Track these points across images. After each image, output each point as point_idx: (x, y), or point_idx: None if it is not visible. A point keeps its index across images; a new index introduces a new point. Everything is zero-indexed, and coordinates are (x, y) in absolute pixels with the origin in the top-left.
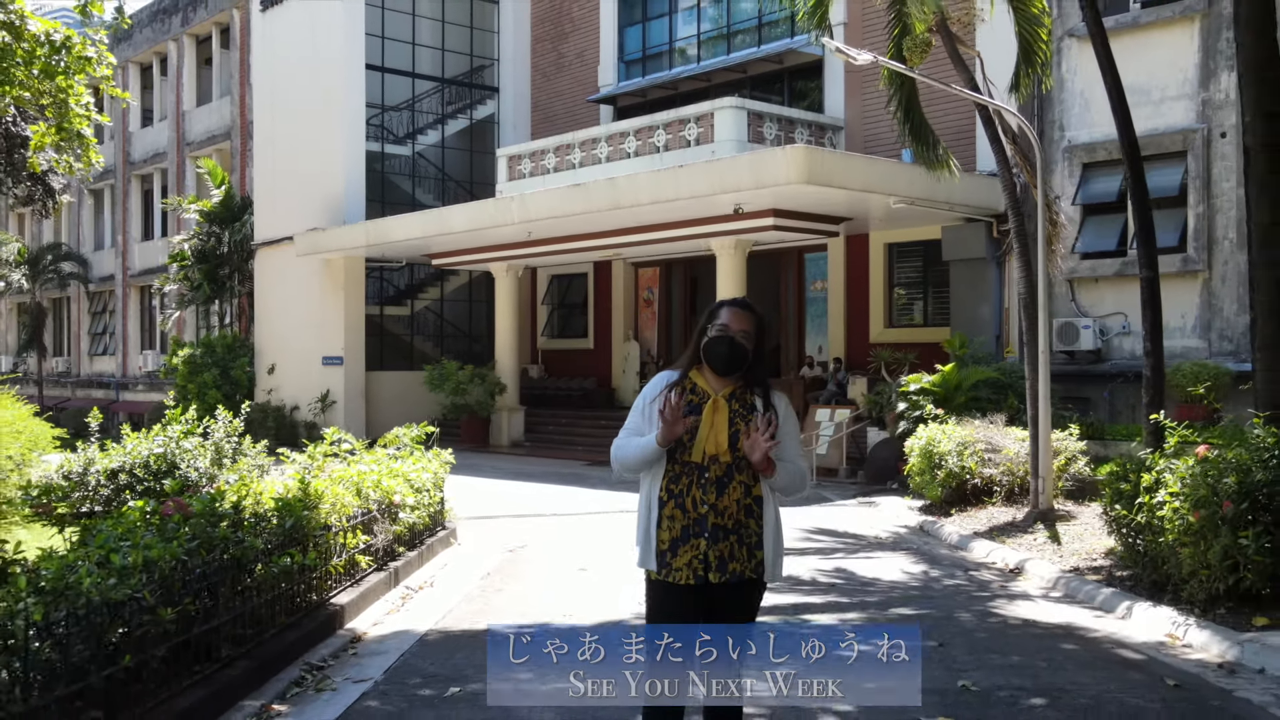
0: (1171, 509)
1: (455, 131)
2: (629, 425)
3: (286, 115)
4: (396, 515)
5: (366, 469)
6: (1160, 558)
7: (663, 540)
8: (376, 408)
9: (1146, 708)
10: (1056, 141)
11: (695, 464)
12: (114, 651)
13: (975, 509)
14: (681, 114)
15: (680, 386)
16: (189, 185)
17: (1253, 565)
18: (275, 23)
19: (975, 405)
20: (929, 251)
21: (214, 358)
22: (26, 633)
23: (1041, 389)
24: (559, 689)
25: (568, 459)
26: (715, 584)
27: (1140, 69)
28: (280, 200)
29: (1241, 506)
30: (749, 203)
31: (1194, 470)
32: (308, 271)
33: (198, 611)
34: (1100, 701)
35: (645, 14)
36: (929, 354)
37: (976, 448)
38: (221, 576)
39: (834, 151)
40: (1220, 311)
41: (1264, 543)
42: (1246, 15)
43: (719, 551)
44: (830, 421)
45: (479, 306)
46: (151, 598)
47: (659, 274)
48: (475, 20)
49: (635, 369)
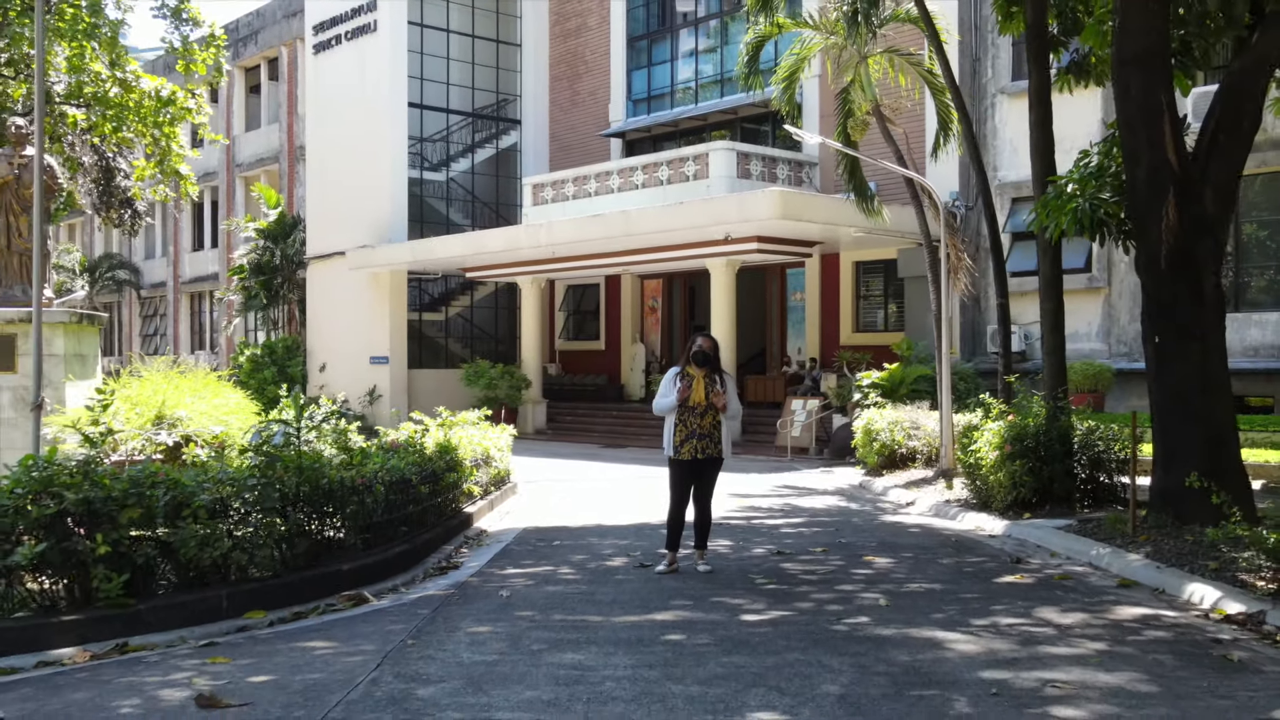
0: (984, 453)
1: (483, 159)
2: (661, 391)
3: (336, 145)
4: (491, 463)
5: (466, 433)
6: (982, 484)
7: (677, 440)
8: (416, 401)
9: (937, 548)
10: (991, 180)
11: (690, 407)
12: (390, 506)
13: (901, 471)
14: (682, 153)
15: (683, 373)
16: (238, 202)
17: (1024, 484)
18: (326, 63)
19: (915, 395)
20: (888, 269)
21: (273, 357)
22: (373, 486)
23: (944, 381)
24: (606, 544)
25: (585, 443)
26: (700, 459)
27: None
28: (331, 219)
29: (1018, 448)
30: (736, 231)
31: (998, 428)
32: (356, 282)
33: (416, 499)
34: (911, 547)
35: (651, 60)
36: (888, 354)
37: (904, 425)
38: (431, 481)
39: (804, 193)
40: (1118, 321)
41: (1028, 471)
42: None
43: (702, 445)
44: (803, 410)
45: (503, 313)
46: (415, 480)
47: (662, 285)
48: (501, 61)
49: (641, 367)
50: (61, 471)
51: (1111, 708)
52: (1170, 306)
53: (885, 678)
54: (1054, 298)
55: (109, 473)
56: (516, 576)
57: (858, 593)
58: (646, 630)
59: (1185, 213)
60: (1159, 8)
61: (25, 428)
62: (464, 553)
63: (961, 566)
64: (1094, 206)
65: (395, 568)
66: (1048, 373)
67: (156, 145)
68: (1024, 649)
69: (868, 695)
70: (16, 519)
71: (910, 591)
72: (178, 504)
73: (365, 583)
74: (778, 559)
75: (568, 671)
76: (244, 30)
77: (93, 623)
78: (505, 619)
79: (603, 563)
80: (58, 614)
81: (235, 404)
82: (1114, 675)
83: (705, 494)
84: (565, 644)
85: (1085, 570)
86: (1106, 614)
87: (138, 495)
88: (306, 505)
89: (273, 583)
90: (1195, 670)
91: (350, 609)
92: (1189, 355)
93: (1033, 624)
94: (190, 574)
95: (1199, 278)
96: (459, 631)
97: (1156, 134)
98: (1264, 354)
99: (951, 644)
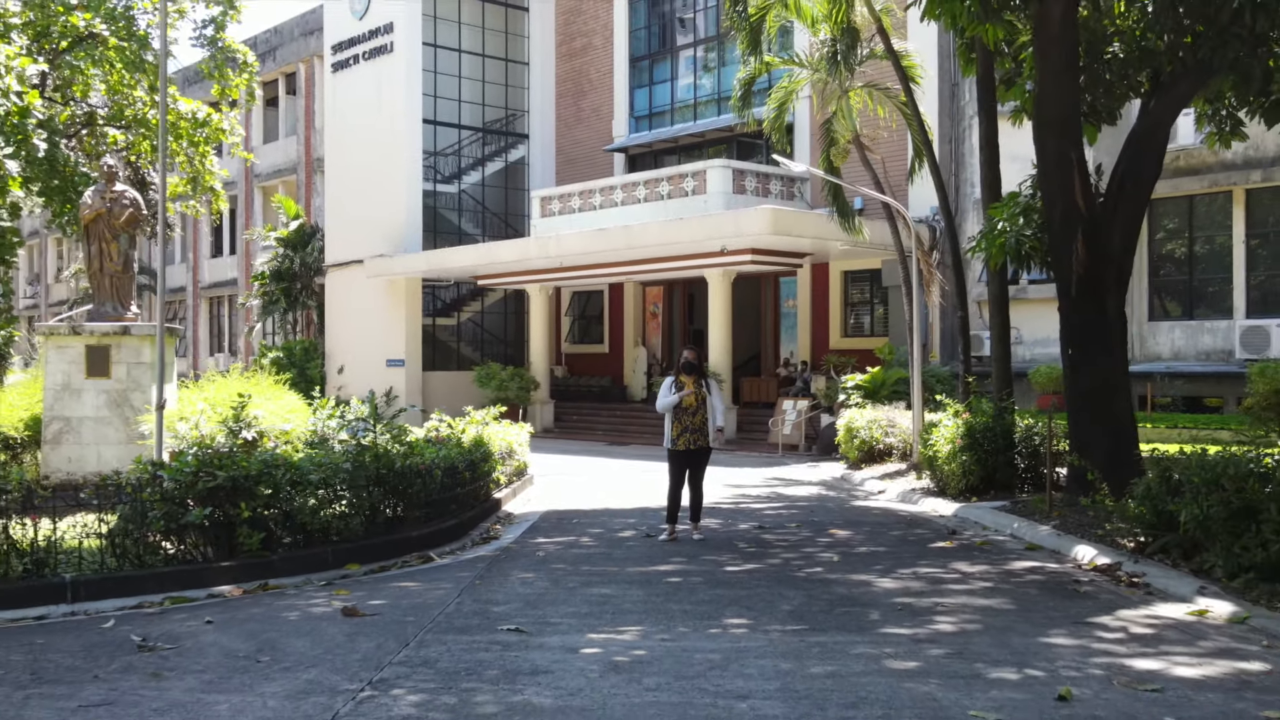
0: (940, 447)
1: (493, 172)
2: (661, 394)
3: (354, 159)
4: (513, 456)
5: (493, 430)
6: (939, 473)
7: (674, 435)
8: (430, 401)
9: (891, 525)
10: (968, 195)
11: (684, 408)
12: (443, 487)
13: (878, 465)
14: (681, 170)
15: (676, 381)
16: (256, 211)
17: (972, 473)
18: (344, 82)
19: (895, 396)
20: (874, 278)
21: (292, 359)
22: (433, 471)
23: (916, 384)
24: (616, 522)
25: (591, 440)
26: (693, 450)
27: (1024, 141)
28: (348, 229)
29: (968, 443)
30: (732, 244)
31: (952, 426)
32: (374, 289)
33: (462, 483)
34: (870, 524)
35: (652, 79)
36: (873, 358)
37: (881, 424)
38: (471, 469)
39: (794, 210)
40: None
41: (976, 462)
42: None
43: (694, 438)
44: (794, 409)
45: (512, 318)
46: (461, 468)
47: (662, 292)
48: (509, 79)
49: (643, 369)
50: (214, 456)
51: (976, 616)
52: (1080, 325)
53: (825, 601)
54: (1001, 313)
55: (244, 457)
56: (547, 544)
57: (817, 553)
58: (652, 575)
59: (1092, 248)
60: (1070, 82)
61: (118, 424)
62: (498, 529)
63: (906, 537)
64: (1019, 241)
65: (448, 537)
66: (995, 377)
67: (190, 163)
68: (931, 586)
69: (810, 610)
70: (187, 491)
71: (859, 553)
72: (294, 481)
73: (428, 547)
74: (759, 532)
75: (597, 597)
76: (262, 46)
77: (240, 568)
78: (545, 569)
79: (615, 534)
80: (212, 561)
81: (291, 405)
82: (988, 600)
83: (698, 478)
84: (593, 582)
85: (1005, 539)
86: (1004, 566)
87: (269, 474)
88: (383, 485)
89: (362, 544)
90: (1050, 598)
91: (420, 565)
92: (1096, 364)
93: (945, 572)
94: (301, 535)
95: (1104, 301)
96: (512, 576)
97: (1068, 184)
98: (1215, 358)
99: (879, 583)
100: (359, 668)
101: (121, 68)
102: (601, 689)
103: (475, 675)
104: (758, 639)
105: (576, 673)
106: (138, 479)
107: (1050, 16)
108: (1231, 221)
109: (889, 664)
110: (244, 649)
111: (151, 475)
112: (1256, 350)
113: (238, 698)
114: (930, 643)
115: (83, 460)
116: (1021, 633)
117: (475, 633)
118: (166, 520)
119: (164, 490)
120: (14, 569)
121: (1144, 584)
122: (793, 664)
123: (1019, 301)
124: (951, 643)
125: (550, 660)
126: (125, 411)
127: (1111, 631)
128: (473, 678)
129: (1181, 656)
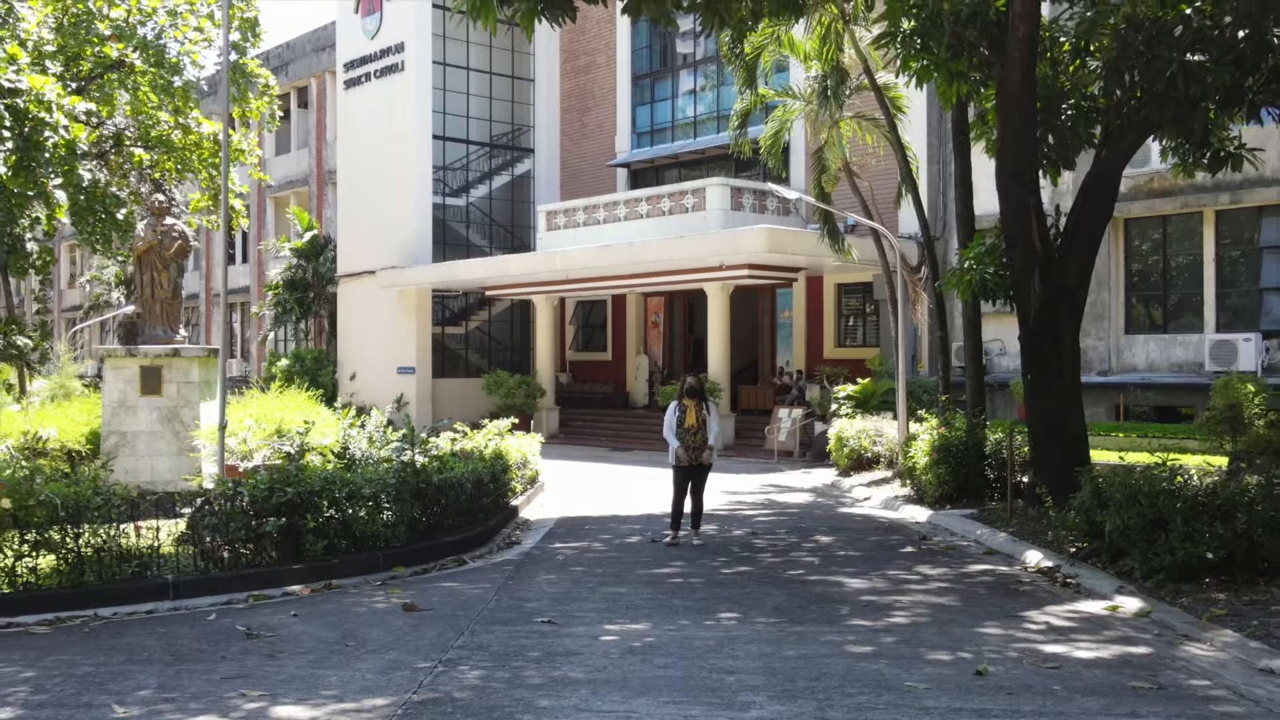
0: (918, 458)
1: (499, 185)
2: (667, 423)
3: (365, 172)
4: (527, 465)
5: (509, 442)
6: (918, 482)
7: (679, 453)
8: (440, 408)
9: (870, 531)
10: (955, 214)
11: (687, 428)
12: (471, 498)
13: (866, 472)
14: (681, 187)
15: (680, 404)
16: (268, 222)
17: (947, 483)
18: (356, 98)
19: (885, 406)
20: (867, 290)
21: (304, 367)
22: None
23: (901, 397)
24: (624, 528)
25: (595, 446)
26: (694, 466)
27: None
28: (360, 240)
29: (943, 454)
30: (729, 260)
31: (929, 438)
32: (385, 298)
33: (487, 494)
34: (851, 530)
35: (654, 97)
36: (865, 368)
37: (869, 433)
38: (494, 480)
39: (788, 228)
40: None
41: (950, 472)
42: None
43: (695, 455)
44: (789, 418)
45: (518, 326)
46: (487, 480)
47: (664, 303)
48: (515, 95)
49: (645, 377)
50: (284, 473)
51: (927, 611)
52: (1037, 353)
53: (803, 599)
54: (974, 336)
55: (310, 475)
56: (564, 549)
57: (801, 557)
58: (658, 576)
59: (1048, 285)
60: (1029, 137)
61: (169, 438)
62: (519, 535)
63: (882, 543)
64: (984, 279)
65: (477, 543)
66: (969, 393)
67: (212, 181)
68: (894, 586)
69: (790, 606)
70: (263, 505)
71: (838, 557)
72: (350, 495)
73: (460, 551)
74: (750, 538)
75: (612, 595)
76: (275, 61)
77: (306, 571)
78: (565, 571)
79: (624, 539)
80: (282, 565)
81: (326, 418)
82: (940, 598)
83: (699, 490)
84: (608, 582)
85: (968, 545)
86: (961, 569)
87: (329, 490)
88: (422, 498)
89: (405, 549)
90: (994, 596)
91: (457, 567)
92: (1051, 388)
93: (908, 574)
94: (354, 541)
95: (1059, 332)
96: (538, 577)
97: (1027, 228)
98: (1187, 370)
99: (850, 583)
100: (429, 650)
101: (149, 92)
102: (622, 666)
103: (521, 656)
104: (745, 629)
105: (600, 654)
106: (223, 494)
107: (1011, 78)
108: (1202, 240)
109: (849, 648)
110: (331, 636)
111: (234, 491)
112: (1225, 363)
113: (341, 672)
114: (885, 632)
115: (137, 471)
116: (962, 624)
117: (515, 624)
118: (247, 530)
119: (243, 505)
120: (124, 571)
121: (1076, 584)
122: (772, 648)
123: (1002, 315)
124: (902, 632)
125: (579, 645)
126: (175, 426)
127: (1036, 624)
128: (519, 658)
129: (1085, 642)
